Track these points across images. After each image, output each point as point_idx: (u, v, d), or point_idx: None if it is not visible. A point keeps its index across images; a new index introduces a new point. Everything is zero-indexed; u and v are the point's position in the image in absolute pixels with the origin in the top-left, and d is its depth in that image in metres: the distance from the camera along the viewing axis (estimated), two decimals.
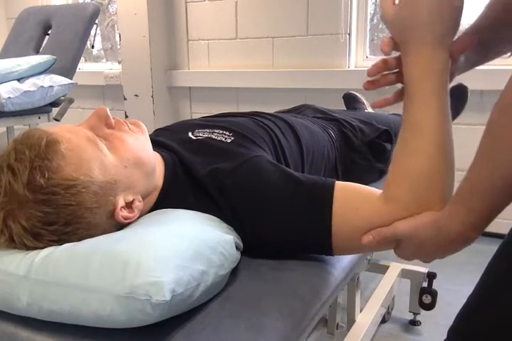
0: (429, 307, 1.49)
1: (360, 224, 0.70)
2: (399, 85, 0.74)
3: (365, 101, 1.73)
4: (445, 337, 0.64)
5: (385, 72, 0.74)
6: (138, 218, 0.74)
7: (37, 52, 2.33)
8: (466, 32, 0.74)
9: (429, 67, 0.66)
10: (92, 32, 2.33)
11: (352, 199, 0.72)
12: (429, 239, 0.63)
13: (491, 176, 0.54)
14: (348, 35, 2.37)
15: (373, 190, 0.74)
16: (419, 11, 0.65)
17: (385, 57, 0.72)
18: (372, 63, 0.72)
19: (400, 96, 0.74)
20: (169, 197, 0.79)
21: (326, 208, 0.71)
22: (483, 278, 0.61)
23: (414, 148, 0.68)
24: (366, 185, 0.76)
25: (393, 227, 0.67)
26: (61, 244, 0.63)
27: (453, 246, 0.62)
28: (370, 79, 0.73)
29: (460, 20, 0.66)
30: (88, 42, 2.33)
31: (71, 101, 2.13)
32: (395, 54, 0.72)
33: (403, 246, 0.68)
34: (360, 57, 2.43)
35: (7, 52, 2.37)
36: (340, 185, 0.74)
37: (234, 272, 0.70)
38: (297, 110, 1.36)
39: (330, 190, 0.73)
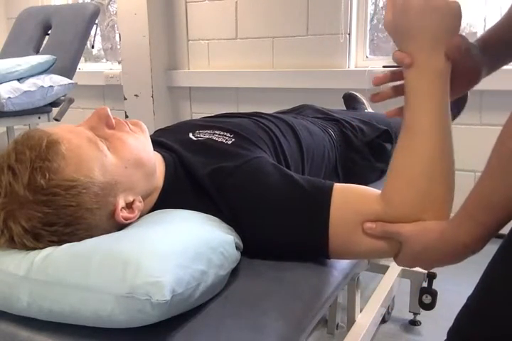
0: (429, 307, 1.49)
1: (359, 228, 0.70)
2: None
3: (365, 101, 1.73)
4: (445, 337, 0.64)
5: (392, 83, 0.75)
6: (138, 218, 0.73)
7: (37, 52, 2.33)
8: (489, 31, 0.76)
9: (424, 70, 0.68)
10: (92, 32, 2.33)
11: (350, 202, 0.72)
12: (432, 246, 0.64)
13: (502, 191, 0.54)
14: (348, 35, 2.37)
15: (373, 192, 0.73)
16: (408, 19, 0.67)
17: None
18: (380, 74, 0.73)
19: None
20: (170, 198, 0.79)
21: (323, 211, 0.71)
22: (483, 278, 0.61)
23: (411, 150, 0.69)
24: (366, 184, 0.76)
25: (399, 226, 0.67)
26: (61, 245, 0.63)
27: (456, 256, 0.63)
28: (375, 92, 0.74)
29: (456, 24, 0.67)
30: (88, 42, 2.33)
31: (71, 101, 2.13)
32: None
33: (404, 252, 0.68)
34: (360, 57, 2.43)
35: (7, 52, 2.37)
36: (339, 187, 0.74)
37: (234, 272, 0.70)
38: (297, 110, 1.36)
39: (328, 192, 0.73)
